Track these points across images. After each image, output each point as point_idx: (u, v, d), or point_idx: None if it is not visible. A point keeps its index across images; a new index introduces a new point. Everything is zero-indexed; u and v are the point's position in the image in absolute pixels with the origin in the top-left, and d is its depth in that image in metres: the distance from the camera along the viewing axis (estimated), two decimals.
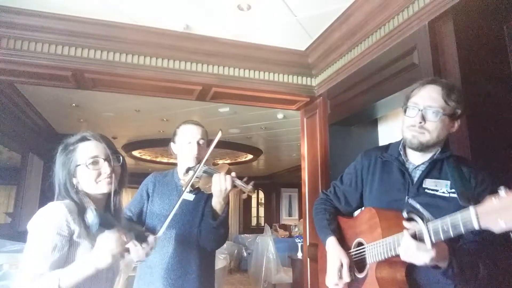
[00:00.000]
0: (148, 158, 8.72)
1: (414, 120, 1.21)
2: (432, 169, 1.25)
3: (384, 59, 2.28)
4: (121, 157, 1.28)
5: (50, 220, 1.10)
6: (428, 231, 0.96)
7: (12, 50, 2.43)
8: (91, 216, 1.06)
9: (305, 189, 3.18)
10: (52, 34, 2.49)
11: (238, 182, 1.59)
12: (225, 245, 1.69)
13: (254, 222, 12.96)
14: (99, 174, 1.20)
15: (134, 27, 2.62)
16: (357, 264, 1.29)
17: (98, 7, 2.42)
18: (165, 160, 8.93)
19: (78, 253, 1.13)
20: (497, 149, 1.53)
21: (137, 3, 2.39)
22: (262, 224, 11.66)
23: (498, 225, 0.81)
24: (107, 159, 1.21)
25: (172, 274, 1.67)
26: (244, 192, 1.60)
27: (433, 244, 0.96)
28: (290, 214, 12.70)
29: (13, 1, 2.33)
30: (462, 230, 0.90)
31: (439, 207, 1.15)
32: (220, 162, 9.32)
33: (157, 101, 4.30)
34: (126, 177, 1.31)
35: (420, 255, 0.98)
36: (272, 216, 12.68)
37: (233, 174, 1.62)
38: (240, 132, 6.38)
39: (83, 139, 1.23)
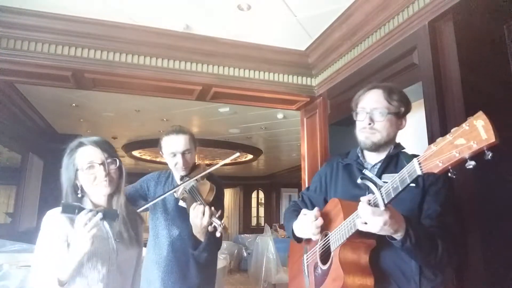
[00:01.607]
0: (148, 158, 8.72)
1: (364, 123, 1.34)
2: (388, 165, 1.34)
3: (384, 59, 2.28)
4: (117, 160, 1.34)
5: (48, 228, 1.23)
6: (380, 192, 1.03)
7: (12, 50, 2.43)
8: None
9: (306, 187, 3.17)
10: (52, 34, 2.49)
11: (214, 219, 1.55)
12: (225, 245, 1.68)
13: (254, 222, 12.97)
14: (95, 178, 1.29)
15: (134, 27, 2.62)
16: (323, 256, 1.31)
17: (98, 7, 2.42)
18: (165, 160, 8.93)
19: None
20: (497, 149, 1.52)
21: (137, 3, 2.39)
22: (262, 224, 11.66)
23: (436, 166, 0.88)
24: (102, 163, 1.29)
25: (172, 275, 1.68)
26: (217, 230, 1.54)
27: (386, 206, 1.02)
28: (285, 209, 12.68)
29: (13, 1, 2.33)
30: (408, 180, 0.97)
31: (399, 197, 1.20)
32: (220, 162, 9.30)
33: (157, 101, 4.29)
34: (123, 179, 1.38)
35: (374, 219, 1.03)
36: (272, 216, 12.68)
37: (212, 208, 1.56)
38: (240, 132, 6.37)
39: (80, 145, 1.32)
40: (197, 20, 2.60)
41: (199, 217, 1.54)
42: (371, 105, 1.34)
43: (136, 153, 8.02)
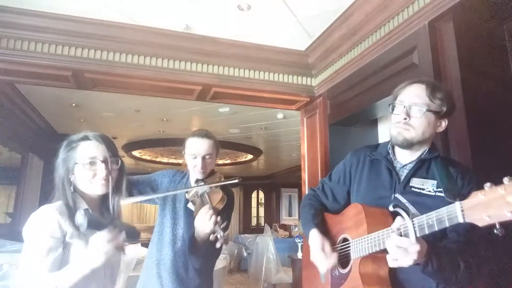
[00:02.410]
0: (148, 158, 8.72)
1: (400, 117, 1.24)
2: (420, 168, 1.26)
3: (384, 59, 2.28)
4: (119, 161, 1.29)
5: (42, 224, 1.13)
6: (413, 225, 0.97)
7: (12, 50, 2.43)
8: (80, 218, 1.12)
9: (305, 189, 3.18)
10: (52, 34, 2.49)
11: (217, 228, 1.53)
12: (225, 245, 1.69)
13: (254, 222, 12.96)
14: (94, 175, 1.22)
15: (134, 27, 2.62)
16: (342, 259, 1.30)
17: (98, 7, 2.42)
18: (165, 160, 8.93)
19: (72, 252, 1.15)
20: (497, 149, 1.53)
21: (137, 3, 2.39)
22: (262, 224, 11.66)
23: (482, 220, 0.82)
24: (104, 161, 1.23)
25: (172, 276, 1.69)
26: (218, 241, 1.52)
27: (417, 239, 0.97)
28: (290, 214, 12.69)
29: (13, 1, 2.33)
30: (447, 224, 0.91)
31: (425, 204, 1.15)
32: (220, 162, 9.32)
33: (157, 101, 4.30)
34: (124, 181, 1.32)
35: (406, 257, 0.98)
36: (272, 216, 12.67)
37: (218, 218, 1.56)
38: (240, 132, 6.38)
39: (85, 138, 1.25)
40: (197, 20, 2.60)
41: (204, 221, 1.53)
42: (410, 100, 1.24)
43: (136, 153, 8.02)
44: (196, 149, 1.72)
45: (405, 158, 1.30)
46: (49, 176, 1.28)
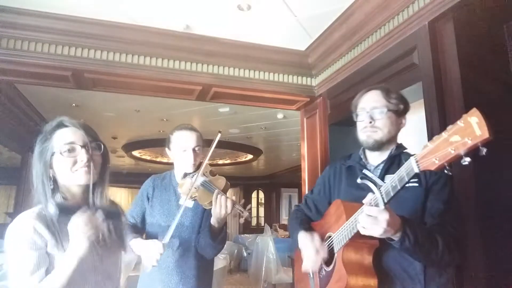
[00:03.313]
0: (148, 158, 8.72)
1: (365, 122, 1.36)
2: (391, 165, 1.35)
3: (384, 59, 2.28)
4: (102, 145, 1.16)
5: (20, 237, 1.02)
6: (380, 192, 1.05)
7: (12, 50, 2.43)
8: (51, 208, 1.05)
9: (305, 189, 3.18)
10: (52, 34, 2.49)
11: (237, 206, 1.57)
12: (225, 245, 1.70)
13: (254, 222, 12.95)
14: (74, 162, 1.09)
15: (134, 27, 2.62)
16: (327, 258, 1.31)
17: (98, 7, 2.42)
18: (165, 160, 8.92)
19: (56, 263, 1.05)
20: (497, 149, 1.52)
21: (137, 3, 2.39)
22: (262, 224, 11.66)
23: (433, 164, 0.90)
24: (85, 146, 1.10)
25: (172, 277, 1.68)
26: (242, 217, 1.57)
27: (385, 205, 1.04)
28: (290, 214, 12.68)
29: (13, 1, 2.33)
30: (406, 178, 0.99)
31: (401, 197, 1.22)
32: (220, 162, 9.32)
33: (157, 101, 4.29)
34: (108, 168, 1.19)
35: (376, 224, 1.03)
36: (272, 216, 12.68)
37: (233, 197, 1.60)
38: (240, 132, 6.37)
39: (60, 125, 1.14)
40: (197, 20, 2.60)
41: (222, 206, 1.55)
42: (370, 105, 1.37)
43: (136, 153, 8.01)
44: (185, 142, 1.73)
45: (376, 160, 1.40)
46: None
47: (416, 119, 2.29)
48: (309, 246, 1.32)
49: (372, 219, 1.03)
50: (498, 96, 1.54)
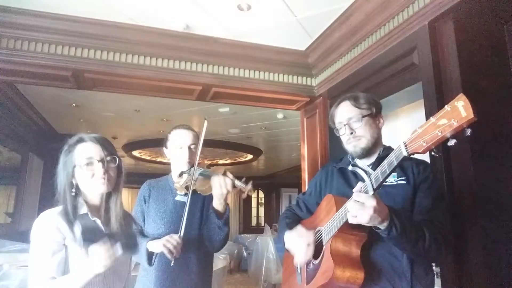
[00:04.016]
0: (148, 158, 8.72)
1: (347, 135, 1.40)
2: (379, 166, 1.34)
3: (384, 59, 2.28)
4: (117, 159, 1.32)
5: (43, 229, 1.20)
6: (370, 178, 1.08)
7: (12, 50, 2.44)
8: (77, 231, 1.21)
9: (305, 189, 3.17)
10: (52, 34, 2.49)
11: (237, 182, 1.59)
12: (229, 230, 1.72)
13: (254, 222, 12.97)
14: (93, 175, 1.26)
15: (134, 27, 2.62)
16: (315, 252, 1.32)
17: (98, 7, 2.42)
18: (165, 160, 8.90)
19: (71, 256, 1.21)
20: (497, 149, 1.53)
21: (137, 3, 2.39)
22: (262, 224, 11.67)
23: (421, 146, 0.93)
24: (101, 160, 1.26)
25: (171, 275, 1.68)
26: (244, 192, 1.60)
27: (374, 191, 1.06)
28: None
29: (13, 1, 2.33)
30: (395, 162, 1.01)
31: (389, 193, 1.28)
32: (220, 162, 9.32)
33: (157, 101, 4.29)
34: (122, 179, 1.35)
35: (363, 209, 1.05)
36: (272, 216, 12.68)
37: (231, 175, 1.63)
38: (240, 132, 6.37)
39: (80, 140, 1.30)
40: (197, 20, 2.60)
41: (222, 185, 1.58)
42: (345, 117, 1.41)
43: (136, 153, 8.02)
44: (182, 139, 1.80)
45: (365, 163, 1.44)
46: (49, 176, 1.31)
47: (416, 119, 2.29)
48: (298, 241, 1.33)
49: (360, 205, 1.05)
50: (498, 96, 1.53)
